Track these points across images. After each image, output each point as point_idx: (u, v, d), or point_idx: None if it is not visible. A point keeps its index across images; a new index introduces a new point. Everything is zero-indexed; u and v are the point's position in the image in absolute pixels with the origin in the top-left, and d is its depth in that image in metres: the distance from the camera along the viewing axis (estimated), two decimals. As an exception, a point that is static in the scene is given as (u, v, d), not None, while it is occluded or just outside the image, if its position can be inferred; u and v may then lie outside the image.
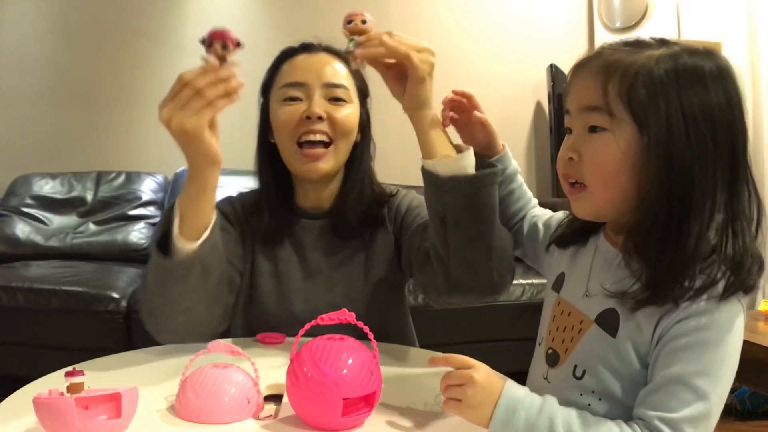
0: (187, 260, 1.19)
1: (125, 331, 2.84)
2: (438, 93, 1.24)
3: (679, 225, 0.91)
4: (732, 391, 3.03)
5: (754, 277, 0.91)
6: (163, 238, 1.22)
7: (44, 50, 4.20)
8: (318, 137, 1.42)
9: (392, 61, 1.19)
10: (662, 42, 0.97)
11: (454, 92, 1.33)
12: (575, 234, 1.14)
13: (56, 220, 3.73)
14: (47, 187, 3.85)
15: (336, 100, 1.45)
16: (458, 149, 1.22)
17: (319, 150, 1.43)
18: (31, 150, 4.16)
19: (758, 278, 0.92)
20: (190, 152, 1.17)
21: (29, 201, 3.77)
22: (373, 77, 1.56)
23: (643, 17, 3.88)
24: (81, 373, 0.99)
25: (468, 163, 1.18)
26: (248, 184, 1.61)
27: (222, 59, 1.13)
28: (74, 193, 3.84)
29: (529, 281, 3.14)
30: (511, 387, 0.95)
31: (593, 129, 0.96)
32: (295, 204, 1.55)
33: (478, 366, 0.96)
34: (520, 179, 1.40)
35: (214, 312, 1.31)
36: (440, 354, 1.01)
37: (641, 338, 0.94)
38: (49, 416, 0.88)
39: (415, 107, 1.21)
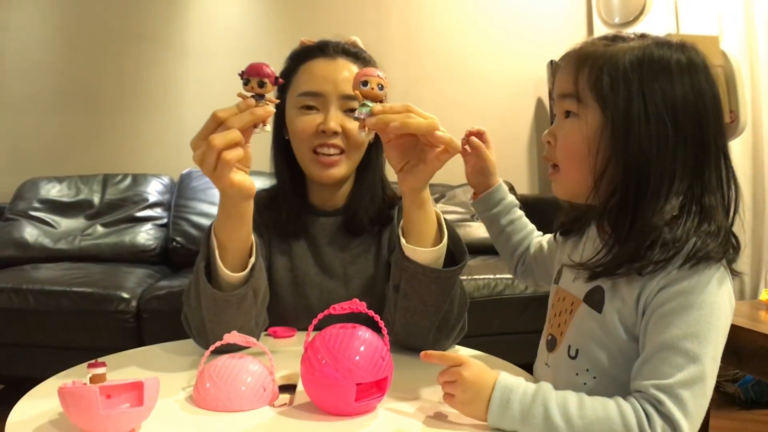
0: (241, 289, 1.23)
1: (136, 331, 2.87)
2: (439, 92, 1.27)
3: (635, 205, 0.96)
4: (735, 380, 3.08)
5: (720, 254, 0.94)
6: (207, 267, 1.25)
7: (49, 56, 4.22)
8: (332, 151, 1.46)
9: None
10: (641, 36, 1.03)
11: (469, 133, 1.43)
12: (572, 222, 1.19)
13: (64, 223, 3.76)
14: (54, 191, 3.88)
15: (352, 111, 1.45)
16: (439, 225, 1.28)
17: (334, 157, 1.46)
18: (38, 154, 4.19)
19: (731, 255, 0.97)
20: (222, 191, 1.18)
21: (37, 205, 3.80)
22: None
23: (641, 12, 3.90)
24: (103, 364, 1.03)
25: (438, 256, 1.27)
26: (258, 184, 1.63)
27: (259, 96, 1.11)
28: (81, 196, 3.87)
29: (503, 276, 3.18)
30: (504, 379, 0.96)
31: (567, 114, 1.04)
32: (309, 201, 1.58)
33: (468, 363, 0.99)
34: (520, 212, 1.46)
35: (260, 321, 1.36)
36: (435, 352, 1.03)
37: (626, 309, 0.98)
38: (74, 405, 0.90)
39: (417, 188, 1.23)
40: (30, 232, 3.67)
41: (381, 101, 1.12)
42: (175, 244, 3.68)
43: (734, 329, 2.09)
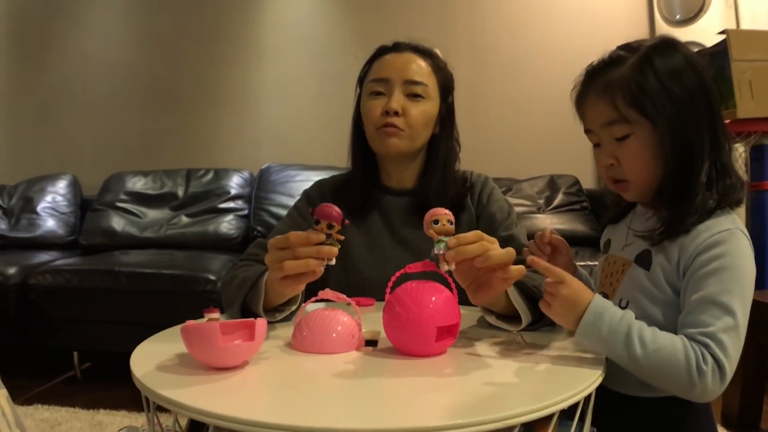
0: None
1: (221, 310, 3.01)
2: (505, 89, 1.36)
3: (687, 179, 1.16)
4: None
5: (739, 194, 1.17)
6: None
7: (130, 57, 4.48)
8: (393, 130, 1.61)
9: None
10: (629, 49, 1.21)
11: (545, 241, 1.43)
12: (621, 211, 1.38)
13: (150, 214, 4.00)
14: (139, 184, 4.13)
15: (414, 96, 1.62)
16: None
17: (393, 129, 1.60)
18: (123, 151, 4.45)
19: (742, 194, 1.17)
20: (275, 287, 1.29)
21: (123, 197, 4.06)
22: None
23: (701, 9, 3.90)
24: (218, 309, 1.20)
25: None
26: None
27: (328, 236, 1.19)
28: (166, 189, 4.11)
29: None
30: (599, 299, 1.13)
31: (620, 138, 1.20)
32: (381, 182, 1.74)
33: (568, 282, 1.14)
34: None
35: None
36: (541, 261, 1.17)
37: (669, 268, 1.17)
38: (195, 339, 1.06)
39: (487, 305, 1.31)
40: (117, 222, 3.92)
41: (452, 234, 1.17)
42: (256, 233, 3.86)
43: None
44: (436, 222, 1.17)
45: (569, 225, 3.67)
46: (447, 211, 1.19)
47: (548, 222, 3.68)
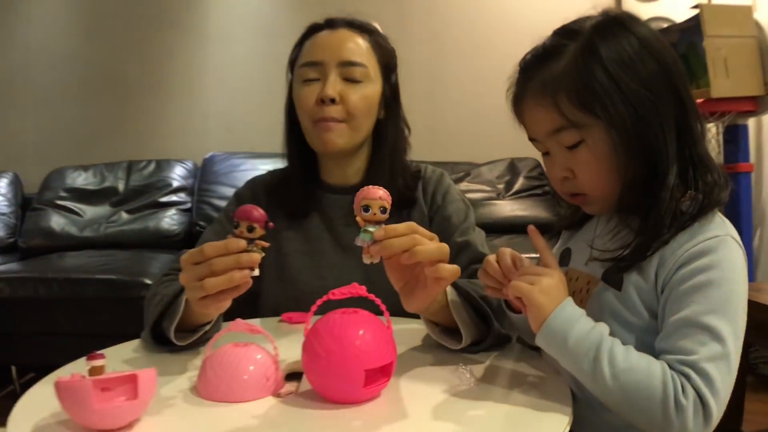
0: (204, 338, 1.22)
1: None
2: (465, 67, 1.21)
3: (652, 180, 0.98)
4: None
5: (723, 192, 0.99)
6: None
7: (71, 46, 4.32)
8: (331, 124, 1.43)
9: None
10: (568, 34, 1.02)
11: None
12: (577, 218, 1.19)
13: (90, 211, 3.85)
14: (80, 179, 3.97)
15: (352, 80, 1.44)
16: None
17: (332, 123, 1.43)
18: (64, 144, 4.30)
19: (727, 192, 0.99)
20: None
21: (63, 194, 3.90)
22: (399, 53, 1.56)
23: None
24: (102, 356, 1.00)
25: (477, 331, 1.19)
26: (276, 166, 1.62)
27: (250, 240, 1.01)
28: (106, 184, 3.96)
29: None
30: (572, 304, 0.98)
31: (571, 146, 1.01)
32: (322, 179, 1.56)
33: (558, 271, 1.02)
34: None
35: None
36: (541, 240, 1.07)
37: (645, 287, 0.98)
38: (68, 398, 0.88)
39: (421, 311, 1.15)
40: (57, 221, 3.76)
41: (383, 222, 1.02)
42: (199, 229, 3.72)
43: (765, 309, 2.05)
44: (367, 209, 1.00)
45: (531, 211, 3.56)
46: (382, 194, 1.01)
47: (508, 209, 3.54)
